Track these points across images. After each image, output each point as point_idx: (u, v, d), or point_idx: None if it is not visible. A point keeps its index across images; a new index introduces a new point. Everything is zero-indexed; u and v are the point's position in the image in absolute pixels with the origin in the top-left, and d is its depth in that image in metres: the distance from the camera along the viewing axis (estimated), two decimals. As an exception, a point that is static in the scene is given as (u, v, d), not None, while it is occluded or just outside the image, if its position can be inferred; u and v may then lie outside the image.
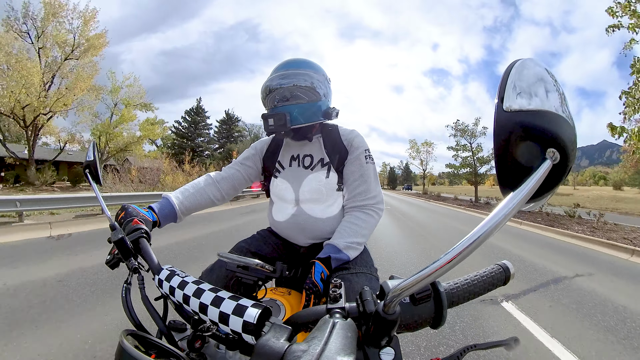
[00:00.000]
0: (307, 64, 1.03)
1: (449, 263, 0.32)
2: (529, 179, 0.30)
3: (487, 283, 0.50)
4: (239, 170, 1.13)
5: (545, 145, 0.30)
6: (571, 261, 4.85)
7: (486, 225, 0.30)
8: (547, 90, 0.32)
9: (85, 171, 0.86)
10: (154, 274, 0.58)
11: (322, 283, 0.77)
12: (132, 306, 0.59)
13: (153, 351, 0.47)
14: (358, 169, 1.02)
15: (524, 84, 0.32)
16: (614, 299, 3.09)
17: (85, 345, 1.86)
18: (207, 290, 0.50)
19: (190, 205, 0.99)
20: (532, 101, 0.31)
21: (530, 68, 0.33)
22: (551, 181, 0.31)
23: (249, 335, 0.43)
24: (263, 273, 0.63)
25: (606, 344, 2.14)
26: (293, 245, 1.10)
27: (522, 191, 0.30)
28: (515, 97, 0.31)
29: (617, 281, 3.79)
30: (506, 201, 0.31)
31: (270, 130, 0.99)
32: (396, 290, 0.36)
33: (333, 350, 0.32)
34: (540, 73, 0.33)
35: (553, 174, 0.31)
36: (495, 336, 2.20)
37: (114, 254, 0.68)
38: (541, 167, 0.30)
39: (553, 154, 0.30)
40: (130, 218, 0.73)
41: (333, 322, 0.37)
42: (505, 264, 0.52)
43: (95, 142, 0.94)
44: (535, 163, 0.31)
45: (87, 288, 2.75)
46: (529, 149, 0.31)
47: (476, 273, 0.51)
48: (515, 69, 0.32)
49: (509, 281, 0.51)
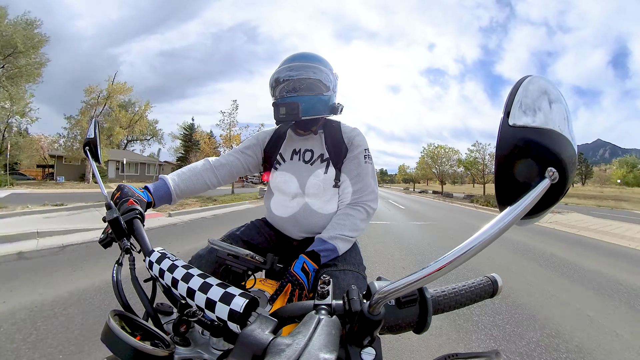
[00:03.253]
0: (316, 57, 1.03)
1: (438, 271, 0.32)
2: (526, 196, 0.30)
3: (474, 294, 0.50)
4: (238, 159, 1.13)
5: (546, 164, 0.30)
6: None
7: (479, 237, 0.30)
8: (552, 109, 0.32)
9: (85, 148, 0.85)
10: (145, 256, 0.58)
11: (303, 275, 0.77)
12: (121, 287, 0.59)
13: (139, 332, 0.48)
14: (356, 168, 1.04)
15: (529, 101, 0.32)
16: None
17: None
18: (195, 276, 0.50)
19: (186, 188, 1.00)
20: (537, 119, 0.31)
21: (537, 85, 0.33)
22: (548, 200, 0.31)
23: (234, 323, 0.43)
24: (253, 263, 0.63)
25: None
26: (286, 238, 1.10)
27: (518, 207, 0.30)
28: (521, 113, 0.32)
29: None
30: (502, 215, 0.31)
31: (281, 118, 0.99)
32: (383, 292, 0.36)
33: (316, 346, 0.32)
34: (548, 91, 0.33)
35: (550, 193, 0.31)
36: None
37: (107, 233, 0.68)
38: (539, 186, 0.30)
39: (552, 173, 0.30)
40: (125, 198, 0.73)
41: (318, 319, 0.38)
42: (493, 277, 0.52)
43: (97, 120, 0.93)
44: (533, 180, 0.31)
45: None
46: (529, 166, 0.31)
47: (464, 283, 0.52)
48: (523, 85, 0.32)
49: (497, 294, 0.52)
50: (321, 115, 1.03)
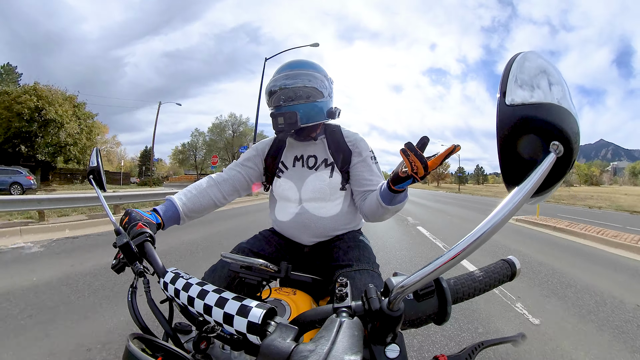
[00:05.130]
0: (310, 64, 1.04)
1: (453, 259, 0.31)
2: (533, 173, 0.30)
3: (492, 279, 0.49)
4: (239, 172, 1.13)
5: (549, 139, 0.30)
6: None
7: (490, 221, 0.30)
8: (549, 83, 0.32)
9: (89, 177, 0.86)
10: (159, 277, 0.58)
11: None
12: (138, 310, 0.59)
13: (160, 354, 0.47)
14: (367, 169, 1.05)
15: (525, 77, 0.31)
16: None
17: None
18: (211, 292, 0.49)
19: (193, 207, 0.99)
20: (535, 94, 0.31)
21: (532, 61, 0.32)
22: (556, 175, 0.31)
23: (253, 335, 0.43)
24: (267, 273, 0.62)
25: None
26: (297, 245, 1.10)
27: (527, 186, 0.30)
28: (518, 90, 0.31)
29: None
30: (510, 196, 0.30)
31: (280, 129, 1.00)
32: (400, 287, 0.36)
33: (340, 350, 0.32)
34: (543, 65, 0.32)
35: (557, 168, 0.30)
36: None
37: (119, 258, 0.68)
38: (545, 161, 0.30)
39: (557, 147, 0.30)
40: (134, 222, 0.73)
41: (340, 321, 0.37)
42: (511, 260, 0.51)
43: (98, 149, 0.94)
44: (539, 157, 0.30)
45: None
46: (533, 142, 0.30)
47: (481, 269, 0.51)
48: (516, 62, 0.32)
49: (515, 277, 0.51)
50: (319, 122, 1.03)
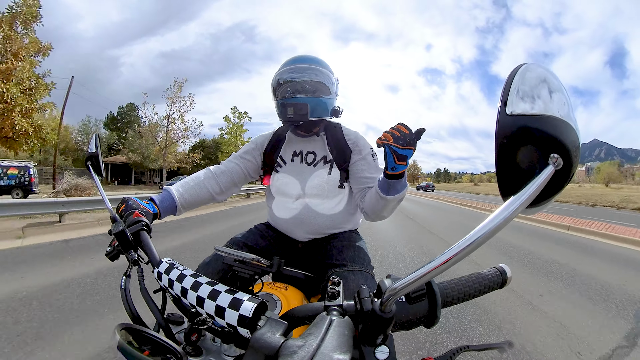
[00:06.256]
0: (318, 60, 1.03)
1: (445, 263, 0.32)
2: (530, 184, 0.30)
3: (482, 285, 0.50)
4: (238, 165, 1.12)
5: (548, 151, 0.30)
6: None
7: (484, 228, 0.30)
8: (551, 95, 0.32)
9: (87, 163, 0.86)
10: (154, 267, 0.58)
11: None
12: (130, 298, 0.59)
13: (147, 347, 0.47)
14: (367, 167, 1.05)
15: (527, 89, 0.31)
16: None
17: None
18: (204, 284, 0.50)
19: (190, 198, 0.99)
20: (536, 105, 0.31)
21: (534, 72, 0.32)
22: (553, 187, 0.31)
23: (244, 328, 0.43)
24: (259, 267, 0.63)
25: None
26: (291, 240, 1.10)
27: (523, 196, 0.30)
28: (519, 101, 0.31)
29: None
30: (505, 205, 0.30)
31: (290, 118, 0.99)
32: (393, 289, 0.36)
33: (329, 348, 0.32)
34: (545, 77, 0.32)
35: (555, 180, 0.30)
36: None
37: (114, 245, 0.68)
38: (543, 173, 0.30)
39: (556, 159, 0.30)
40: (131, 210, 0.73)
41: (330, 319, 0.38)
42: (502, 267, 0.52)
43: (98, 135, 0.94)
44: (537, 168, 0.30)
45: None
46: (531, 154, 0.30)
47: (472, 274, 0.51)
48: (519, 73, 0.32)
49: (506, 285, 0.51)
50: (323, 118, 1.03)
